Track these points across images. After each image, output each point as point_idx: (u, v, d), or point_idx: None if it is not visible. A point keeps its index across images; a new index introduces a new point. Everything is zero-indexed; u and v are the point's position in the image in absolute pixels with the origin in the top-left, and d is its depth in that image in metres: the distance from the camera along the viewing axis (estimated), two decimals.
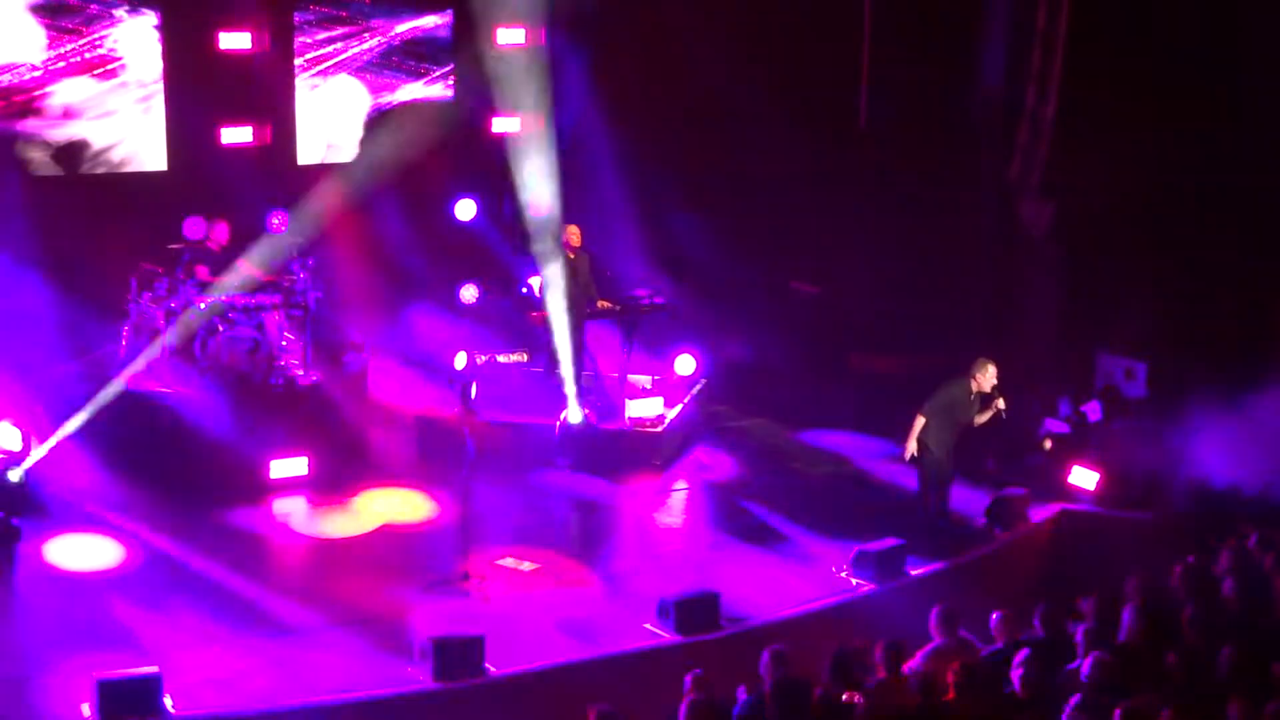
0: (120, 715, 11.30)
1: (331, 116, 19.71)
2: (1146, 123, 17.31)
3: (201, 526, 15.15)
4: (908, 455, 15.12)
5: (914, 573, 14.39)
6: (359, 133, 19.89)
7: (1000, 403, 15.00)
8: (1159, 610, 11.69)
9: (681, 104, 19.88)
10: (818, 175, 19.59)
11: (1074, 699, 9.89)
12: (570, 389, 17.38)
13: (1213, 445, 15.45)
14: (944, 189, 18.67)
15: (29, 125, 18.04)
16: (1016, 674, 10.50)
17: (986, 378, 14.92)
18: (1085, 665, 10.51)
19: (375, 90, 19.90)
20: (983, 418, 15.12)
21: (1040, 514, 15.87)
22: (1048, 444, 16.68)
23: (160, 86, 18.55)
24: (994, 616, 11.77)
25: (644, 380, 18.14)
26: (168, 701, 11.49)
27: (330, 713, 11.82)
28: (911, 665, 11.18)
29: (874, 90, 18.08)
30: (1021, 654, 10.70)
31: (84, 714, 11.45)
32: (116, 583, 13.93)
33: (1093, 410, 17.02)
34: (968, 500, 15.67)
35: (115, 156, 18.54)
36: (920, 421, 14.97)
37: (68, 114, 18.18)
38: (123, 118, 18.47)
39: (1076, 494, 16.08)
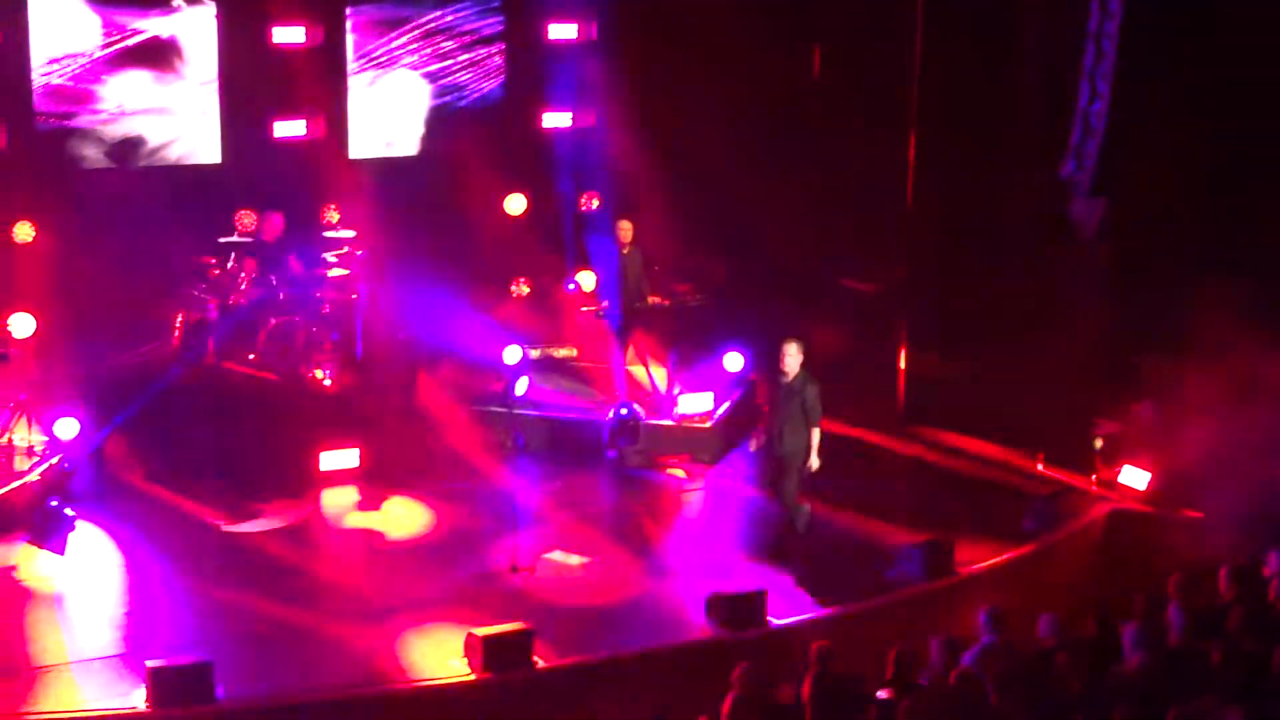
0: (172, 703, 11.39)
1: (390, 111, 19.74)
2: (1199, 121, 17.21)
3: (253, 515, 15.24)
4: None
5: (964, 570, 14.36)
6: (419, 128, 19.91)
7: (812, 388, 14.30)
8: (1205, 611, 11.64)
9: (731, 96, 19.86)
10: (866, 173, 19.54)
11: (1123, 700, 9.87)
12: (620, 383, 17.40)
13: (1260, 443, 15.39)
14: (993, 188, 18.60)
15: (84, 120, 18.13)
16: (1066, 673, 10.47)
17: (785, 359, 14.26)
18: (1133, 665, 10.48)
19: (433, 85, 19.92)
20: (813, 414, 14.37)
21: (1091, 513, 15.81)
22: (1099, 443, 16.61)
23: (215, 81, 18.62)
24: (1044, 617, 11.73)
25: (692, 377, 18.13)
26: (219, 689, 11.58)
27: (378, 702, 11.89)
28: (959, 664, 11.15)
29: (924, 87, 18.02)
30: (1069, 655, 10.67)
31: (137, 701, 11.55)
32: (168, 570, 14.03)
33: (1144, 410, 16.94)
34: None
35: (172, 154, 18.62)
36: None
37: (123, 109, 18.27)
38: (179, 114, 18.56)
39: (1127, 493, 16.02)
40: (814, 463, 14.33)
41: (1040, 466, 16.83)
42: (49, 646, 12.56)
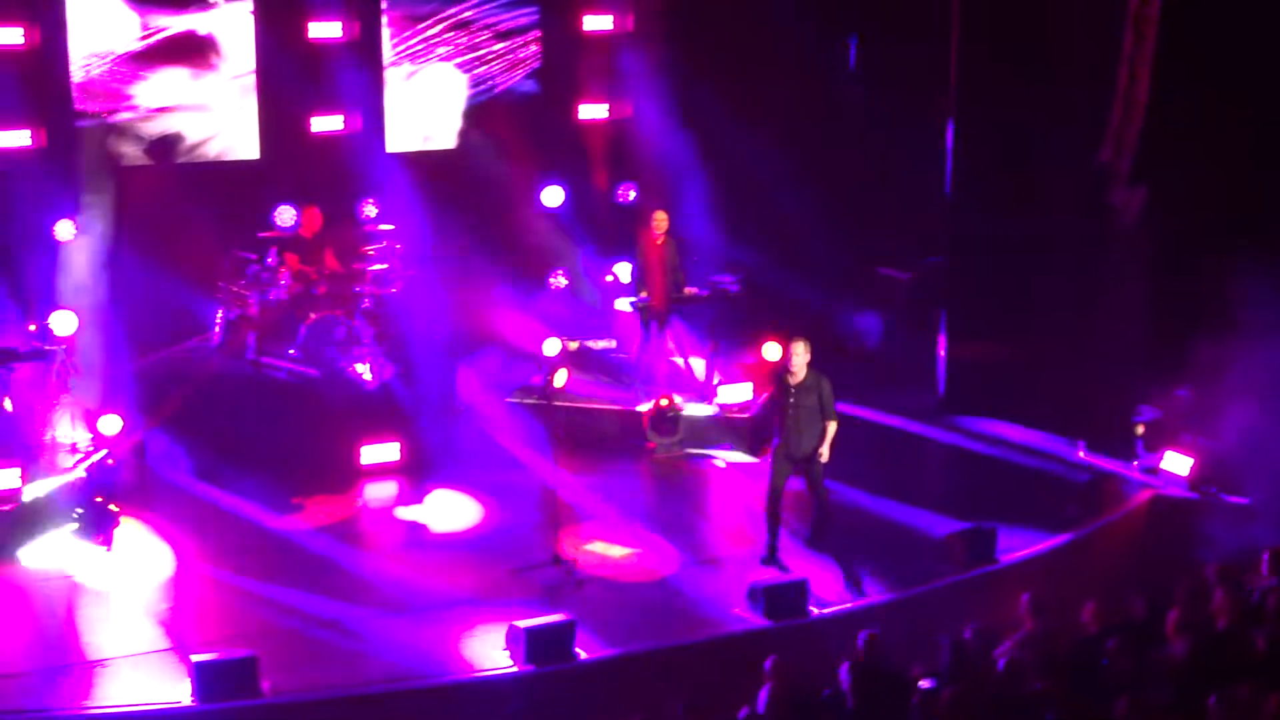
0: (217, 697, 11.46)
1: (427, 105, 19.75)
2: (1240, 106, 17.10)
3: (295, 510, 15.32)
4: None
5: (1004, 559, 14.33)
6: (457, 122, 19.93)
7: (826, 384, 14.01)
8: (1246, 597, 11.59)
9: (767, 86, 19.81)
10: (904, 160, 19.49)
11: (1166, 685, 9.84)
12: (659, 375, 17.40)
13: None
14: (1032, 174, 18.51)
15: (123, 118, 18.21)
16: (1113, 659, 10.45)
17: (792, 358, 13.99)
18: (1176, 651, 10.45)
19: (471, 79, 19.93)
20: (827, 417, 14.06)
21: (1133, 500, 15.76)
22: (1141, 429, 16.55)
23: (252, 77, 18.67)
24: (1087, 603, 11.70)
25: (731, 367, 18.13)
26: (263, 684, 11.64)
27: (421, 696, 11.92)
28: (1001, 652, 11.13)
29: (962, 74, 17.96)
30: (1114, 640, 10.64)
31: (182, 695, 11.62)
32: (212, 565, 14.10)
33: (1185, 396, 16.87)
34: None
35: (210, 151, 18.68)
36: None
37: (162, 107, 18.34)
38: (217, 111, 18.61)
39: (1170, 479, 15.95)
40: (825, 454, 14.11)
41: (1082, 453, 16.78)
42: (95, 642, 12.65)
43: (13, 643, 12.70)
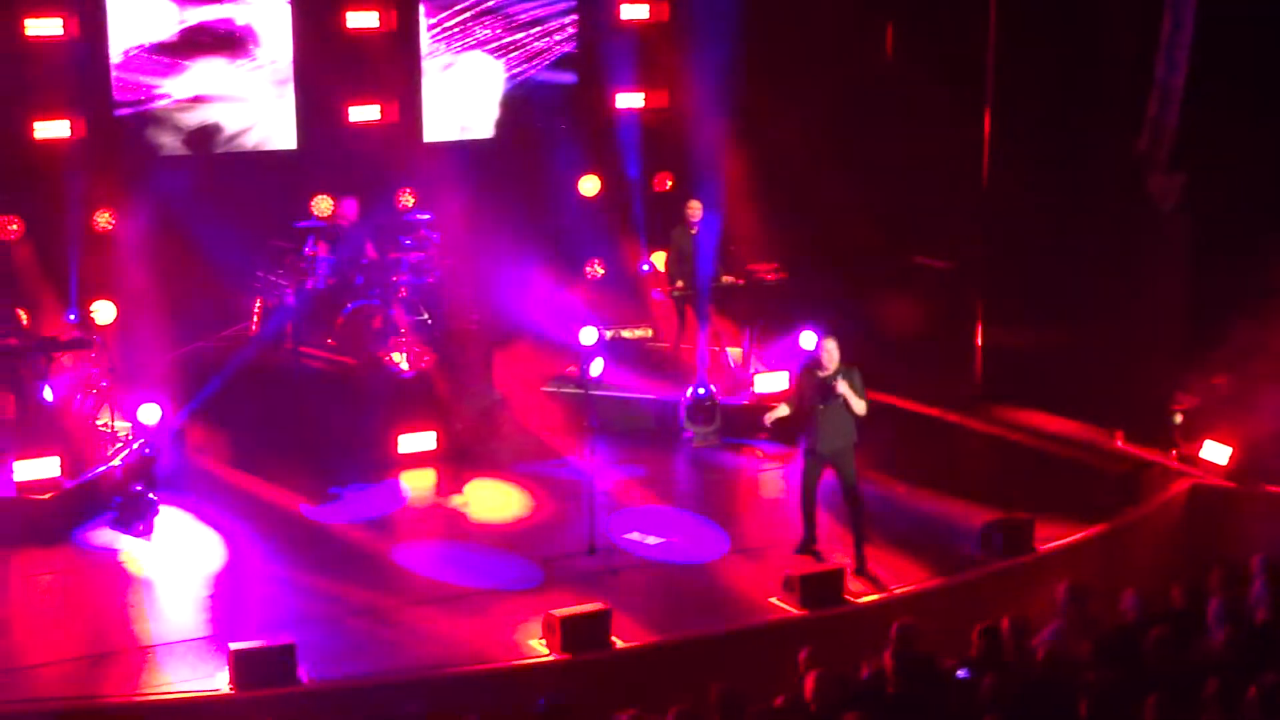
0: (256, 685, 11.51)
1: (464, 94, 19.75)
2: (1278, 93, 17.00)
3: (332, 499, 15.37)
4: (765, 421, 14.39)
5: (1043, 548, 14.29)
6: (494, 111, 19.94)
7: (841, 384, 13.67)
8: None
9: (804, 75, 19.76)
10: (941, 149, 19.41)
11: (1207, 675, 9.80)
12: (695, 364, 17.40)
13: None
14: (1070, 161, 18.44)
15: (161, 108, 18.27)
16: (1154, 649, 10.41)
17: (825, 356, 13.75)
18: (1216, 641, 10.40)
19: (507, 67, 19.93)
20: (857, 402, 13.77)
21: (1172, 489, 15.69)
22: (1179, 418, 16.47)
23: (290, 67, 18.72)
24: (1126, 593, 11.66)
25: (768, 355, 18.12)
26: (302, 671, 11.69)
27: (457, 683, 11.96)
28: (1039, 641, 11.11)
29: (999, 62, 17.89)
30: (1155, 630, 10.60)
31: (221, 683, 11.68)
32: (250, 553, 14.18)
33: (1224, 384, 16.79)
34: None
35: (248, 141, 18.74)
36: (781, 408, 14.15)
37: (199, 97, 18.40)
38: (255, 101, 18.66)
39: (1209, 468, 15.88)
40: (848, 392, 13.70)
41: (1120, 442, 16.71)
42: (134, 630, 12.72)
43: (53, 631, 12.79)
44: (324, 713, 11.60)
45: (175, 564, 14.00)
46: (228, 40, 18.41)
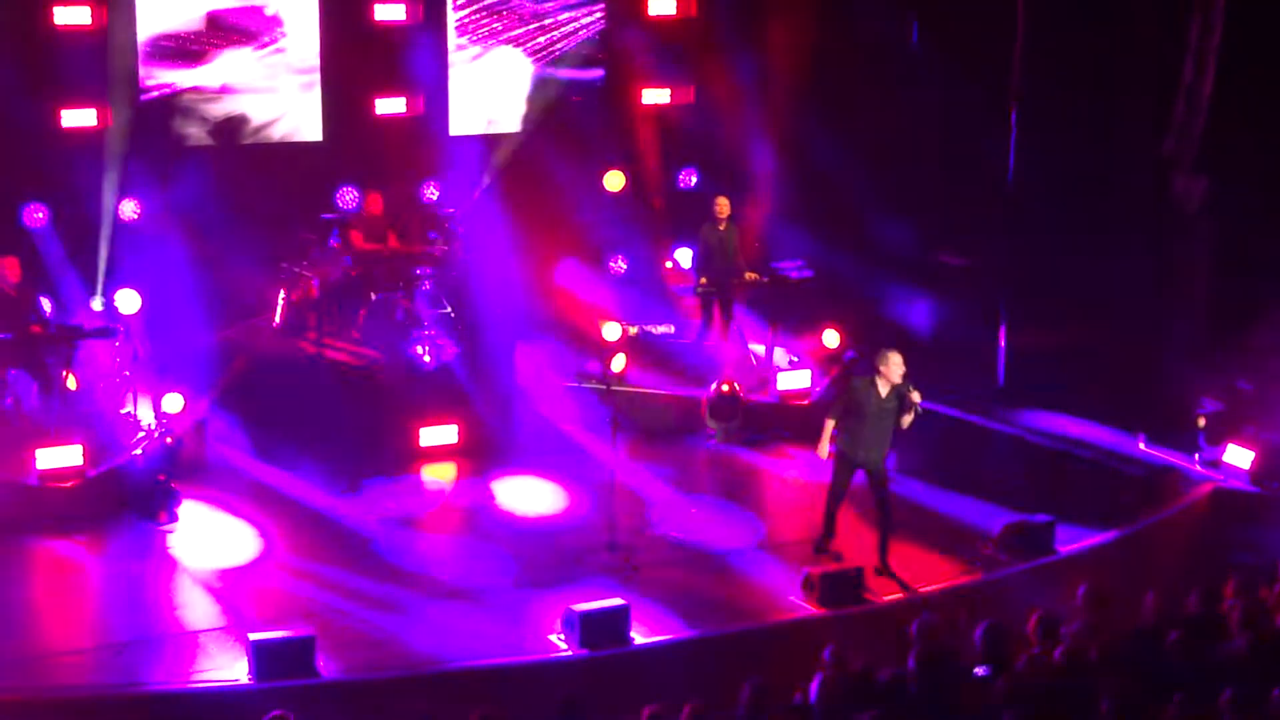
0: (274, 676, 11.54)
1: (491, 88, 19.74)
2: None
3: (353, 491, 15.39)
4: (822, 455, 14.08)
5: (1063, 550, 14.26)
6: (521, 106, 19.93)
7: (915, 395, 13.54)
8: None
9: (829, 70, 19.73)
10: (966, 146, 19.39)
11: (1228, 680, 9.77)
12: (718, 360, 17.40)
13: None
14: (1095, 162, 18.43)
15: (188, 99, 18.30)
16: (1173, 652, 10.38)
17: (891, 369, 13.55)
18: (1237, 645, 10.37)
19: (534, 62, 19.91)
20: (907, 417, 13.63)
21: (1194, 493, 15.65)
22: (1202, 421, 16.42)
23: (317, 59, 18.73)
24: (1147, 595, 11.62)
25: (791, 353, 18.10)
26: (320, 663, 11.71)
27: (476, 678, 11.97)
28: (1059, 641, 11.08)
29: (1025, 59, 17.85)
30: (1174, 634, 10.57)
31: (240, 673, 11.71)
32: (271, 544, 14.20)
33: (1247, 388, 16.74)
34: None
35: (275, 133, 18.75)
36: (830, 425, 13.87)
37: (225, 87, 18.43)
38: (281, 93, 18.68)
39: (1231, 472, 15.83)
40: (916, 397, 13.59)
41: (1142, 445, 16.67)
42: (153, 619, 12.75)
43: (72, 620, 12.84)
44: (342, 705, 11.61)
45: (196, 554, 14.04)
46: (255, 32, 18.43)
